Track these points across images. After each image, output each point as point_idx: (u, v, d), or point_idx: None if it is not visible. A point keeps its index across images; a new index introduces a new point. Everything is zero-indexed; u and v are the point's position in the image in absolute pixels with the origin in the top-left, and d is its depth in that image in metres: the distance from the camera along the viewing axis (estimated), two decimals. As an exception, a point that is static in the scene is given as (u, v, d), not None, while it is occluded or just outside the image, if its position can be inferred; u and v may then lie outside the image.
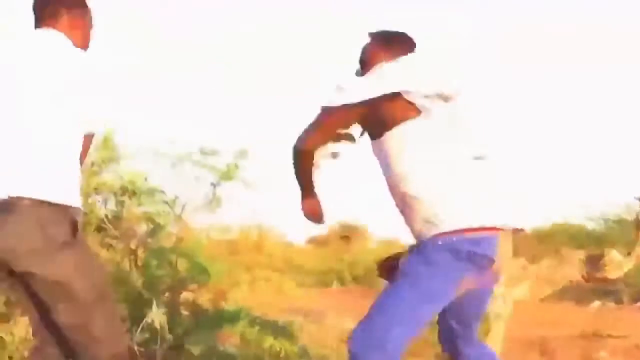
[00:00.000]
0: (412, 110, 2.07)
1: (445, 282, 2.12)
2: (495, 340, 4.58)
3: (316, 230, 17.78)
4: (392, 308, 2.11)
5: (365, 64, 2.23)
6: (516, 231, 2.34)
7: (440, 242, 2.10)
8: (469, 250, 2.08)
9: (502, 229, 2.14)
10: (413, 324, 2.13)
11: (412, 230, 2.25)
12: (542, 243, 9.30)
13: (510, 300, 4.75)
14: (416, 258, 2.17)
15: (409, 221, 2.23)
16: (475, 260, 2.09)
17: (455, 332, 2.34)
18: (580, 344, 5.74)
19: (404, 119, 2.09)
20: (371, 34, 2.29)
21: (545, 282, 4.98)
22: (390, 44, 2.25)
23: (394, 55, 2.17)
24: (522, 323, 5.51)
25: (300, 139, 2.20)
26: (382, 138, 2.16)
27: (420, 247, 2.18)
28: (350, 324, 5.73)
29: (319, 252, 13.24)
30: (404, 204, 2.20)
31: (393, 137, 2.13)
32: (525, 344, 5.55)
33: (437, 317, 2.31)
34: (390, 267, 2.28)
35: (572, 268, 4.91)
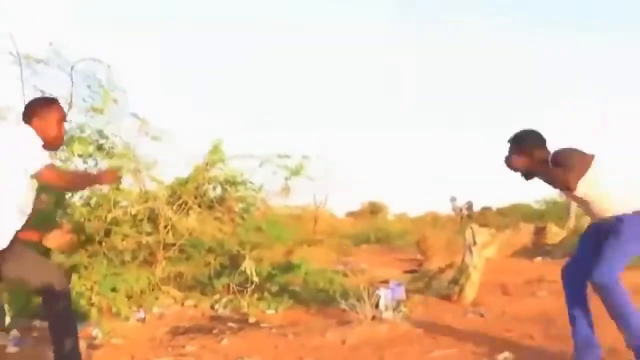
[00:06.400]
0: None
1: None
2: (473, 283, 5.78)
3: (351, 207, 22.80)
4: (617, 256, 3.05)
5: (517, 171, 3.19)
6: (484, 209, 3.58)
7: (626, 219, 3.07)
8: None
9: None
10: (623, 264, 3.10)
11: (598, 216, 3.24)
12: (505, 217, 10.90)
13: (483, 257, 5.96)
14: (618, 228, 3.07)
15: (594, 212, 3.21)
16: None
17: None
18: (528, 286, 6.70)
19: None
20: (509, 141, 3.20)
21: (506, 245, 6.32)
22: (524, 148, 3.13)
23: (532, 155, 3.10)
24: (490, 272, 6.33)
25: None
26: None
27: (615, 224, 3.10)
28: (377, 272, 7.20)
29: (354, 222, 16.97)
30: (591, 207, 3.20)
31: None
32: (492, 286, 6.47)
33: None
34: None
35: (525, 236, 6.33)
